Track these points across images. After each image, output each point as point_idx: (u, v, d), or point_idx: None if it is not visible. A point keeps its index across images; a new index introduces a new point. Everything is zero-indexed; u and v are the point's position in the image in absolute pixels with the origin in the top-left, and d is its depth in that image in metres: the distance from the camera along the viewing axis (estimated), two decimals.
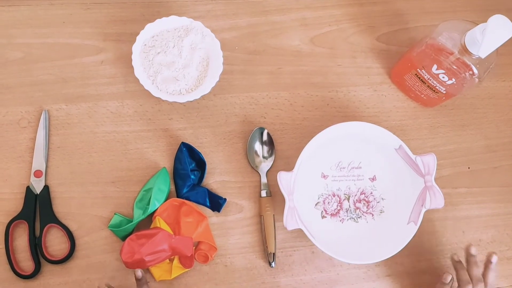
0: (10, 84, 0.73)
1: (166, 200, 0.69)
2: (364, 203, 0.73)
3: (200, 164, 0.72)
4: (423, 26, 0.83)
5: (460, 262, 0.69)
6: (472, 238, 0.76)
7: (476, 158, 0.79)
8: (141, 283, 0.65)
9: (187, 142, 0.72)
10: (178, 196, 0.71)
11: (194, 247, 0.68)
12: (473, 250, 0.68)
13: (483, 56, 0.61)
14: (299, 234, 0.72)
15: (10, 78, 0.73)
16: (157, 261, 0.65)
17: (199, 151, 0.71)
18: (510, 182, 0.79)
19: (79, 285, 0.68)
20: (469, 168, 0.79)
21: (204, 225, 0.69)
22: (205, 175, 0.72)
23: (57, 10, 0.76)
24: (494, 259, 0.66)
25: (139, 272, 0.64)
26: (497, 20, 0.59)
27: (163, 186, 0.68)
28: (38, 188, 0.69)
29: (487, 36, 0.59)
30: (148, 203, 0.67)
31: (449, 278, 0.67)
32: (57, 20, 0.76)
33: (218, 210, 0.71)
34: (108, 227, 0.68)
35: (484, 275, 0.66)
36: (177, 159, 0.71)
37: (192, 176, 0.71)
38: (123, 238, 0.68)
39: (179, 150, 0.71)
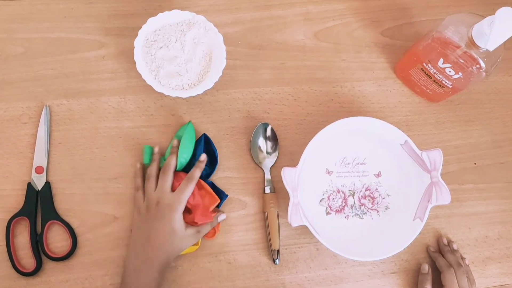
0: (11, 80, 0.72)
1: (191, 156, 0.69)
2: (369, 200, 0.72)
3: (212, 161, 0.71)
4: (428, 20, 0.82)
5: (436, 252, 0.73)
6: (479, 234, 0.75)
7: (483, 154, 0.78)
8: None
9: None
10: None
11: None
12: (444, 241, 0.74)
13: (491, 49, 0.60)
14: (303, 231, 0.72)
15: (11, 73, 0.72)
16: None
17: (216, 148, 0.71)
18: None
19: (81, 282, 0.67)
20: (475, 164, 0.78)
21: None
22: (213, 173, 0.71)
23: (58, 5, 0.75)
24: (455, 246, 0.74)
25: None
26: (505, 13, 0.58)
27: (188, 143, 0.68)
28: (39, 184, 0.68)
29: (495, 29, 0.58)
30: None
31: (427, 267, 0.72)
32: (58, 14, 0.75)
33: (218, 206, 0.70)
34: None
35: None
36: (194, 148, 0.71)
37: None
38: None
39: (198, 140, 0.70)
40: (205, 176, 0.70)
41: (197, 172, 0.67)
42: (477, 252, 0.75)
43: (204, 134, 0.71)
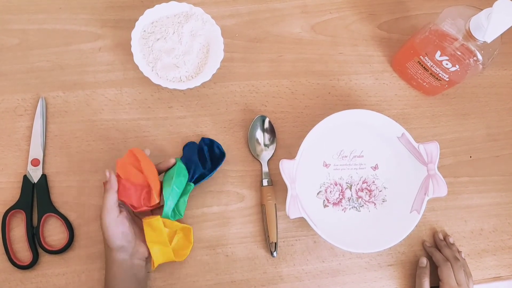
0: (6, 71, 0.71)
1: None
2: (366, 192, 0.73)
3: (213, 165, 0.70)
4: (424, 14, 0.82)
5: (432, 246, 0.74)
6: (474, 227, 0.76)
7: (478, 147, 0.79)
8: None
9: (186, 130, 0.72)
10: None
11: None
12: (440, 236, 0.74)
13: (489, 40, 0.60)
14: (301, 223, 0.72)
15: (6, 65, 0.71)
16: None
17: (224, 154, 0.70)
18: (511, 171, 0.79)
19: (78, 275, 0.67)
20: (471, 157, 0.78)
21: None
22: (210, 175, 0.69)
23: None
24: (451, 239, 0.75)
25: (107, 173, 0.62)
26: (503, 5, 0.58)
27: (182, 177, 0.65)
28: (35, 177, 0.67)
29: (493, 20, 0.58)
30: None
31: (425, 261, 0.72)
32: (54, 5, 0.74)
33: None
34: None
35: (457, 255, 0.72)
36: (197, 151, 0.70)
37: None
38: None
39: (199, 145, 0.70)
40: (200, 177, 0.68)
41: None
42: (472, 244, 0.76)
43: (202, 138, 0.70)
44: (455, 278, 0.69)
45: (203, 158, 0.69)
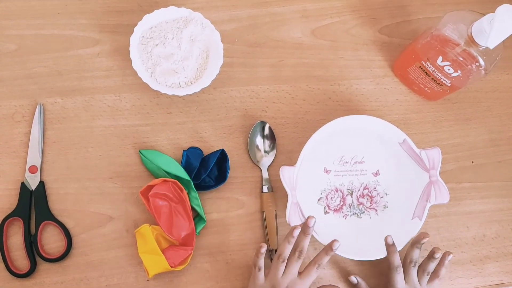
0: (4, 77, 0.70)
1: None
2: (367, 198, 0.72)
3: (220, 178, 0.70)
4: (426, 18, 0.82)
5: (392, 245, 0.67)
6: (476, 233, 0.75)
7: (480, 152, 0.78)
8: None
9: (186, 136, 0.71)
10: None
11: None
12: (389, 240, 0.67)
13: (491, 46, 0.60)
14: None
15: (3, 71, 0.71)
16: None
17: (229, 168, 0.70)
18: None
19: (76, 284, 0.66)
20: (473, 162, 0.78)
21: None
22: (215, 188, 0.70)
23: (52, 1, 0.74)
24: (450, 257, 0.68)
25: None
26: (506, 10, 0.58)
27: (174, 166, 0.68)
28: (33, 184, 0.67)
29: (496, 26, 0.58)
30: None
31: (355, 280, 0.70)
32: (52, 11, 0.73)
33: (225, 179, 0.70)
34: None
35: (437, 269, 0.68)
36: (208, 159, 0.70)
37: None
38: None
39: (213, 153, 0.69)
40: (206, 188, 0.69)
41: (325, 258, 0.63)
42: (474, 251, 0.75)
43: (223, 149, 0.69)
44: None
45: (205, 166, 0.69)
